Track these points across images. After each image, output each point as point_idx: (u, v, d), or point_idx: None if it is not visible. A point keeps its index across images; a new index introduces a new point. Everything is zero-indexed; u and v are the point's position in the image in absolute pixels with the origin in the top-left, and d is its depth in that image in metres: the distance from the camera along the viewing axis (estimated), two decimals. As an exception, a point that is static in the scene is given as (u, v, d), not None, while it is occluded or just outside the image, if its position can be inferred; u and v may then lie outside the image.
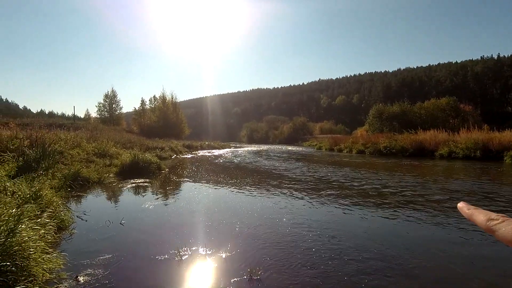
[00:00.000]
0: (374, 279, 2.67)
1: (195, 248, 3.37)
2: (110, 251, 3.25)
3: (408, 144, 18.81)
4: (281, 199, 6.03)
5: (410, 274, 2.81)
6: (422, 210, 5.07)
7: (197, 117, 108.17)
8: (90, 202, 5.95)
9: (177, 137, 33.79)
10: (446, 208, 5.23)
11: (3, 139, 8.16)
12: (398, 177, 9.03)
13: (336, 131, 61.66)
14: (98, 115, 43.77)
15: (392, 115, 31.93)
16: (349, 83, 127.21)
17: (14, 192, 4.04)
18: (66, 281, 2.58)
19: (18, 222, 2.55)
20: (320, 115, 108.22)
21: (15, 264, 2.27)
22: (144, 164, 9.72)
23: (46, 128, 14.23)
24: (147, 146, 17.79)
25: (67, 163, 8.57)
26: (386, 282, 2.64)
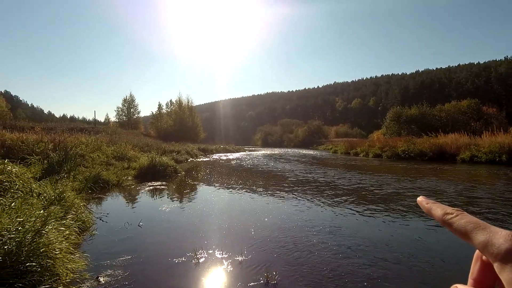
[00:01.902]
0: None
1: (211, 251, 3.39)
2: (130, 252, 3.32)
3: (428, 147, 18.29)
4: (297, 203, 5.99)
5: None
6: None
7: (211, 121, 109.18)
8: (110, 204, 6.11)
9: (192, 140, 34.25)
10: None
11: (29, 143, 8.54)
12: (421, 182, 8.78)
13: (352, 134, 60.74)
14: (117, 119, 44.98)
15: (411, 118, 31.15)
16: (365, 86, 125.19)
17: (39, 194, 4.22)
18: (88, 281, 2.66)
19: (45, 223, 2.66)
20: (336, 118, 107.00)
21: (41, 264, 2.36)
22: (161, 167, 9.91)
23: (68, 132, 14.80)
24: (164, 149, 18.12)
25: (88, 166, 8.86)
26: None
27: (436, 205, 0.34)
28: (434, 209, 0.33)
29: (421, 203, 0.36)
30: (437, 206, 0.34)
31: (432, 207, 0.34)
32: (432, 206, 0.34)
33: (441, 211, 0.32)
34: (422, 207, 0.35)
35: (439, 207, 0.33)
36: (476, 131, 22.93)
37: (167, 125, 39.29)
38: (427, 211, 0.34)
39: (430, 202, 0.35)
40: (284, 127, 79.85)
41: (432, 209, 0.34)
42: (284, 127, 79.73)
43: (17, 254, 2.26)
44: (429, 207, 0.34)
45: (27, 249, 2.32)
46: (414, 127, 29.54)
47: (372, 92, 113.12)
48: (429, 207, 0.34)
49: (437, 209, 0.33)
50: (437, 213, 0.33)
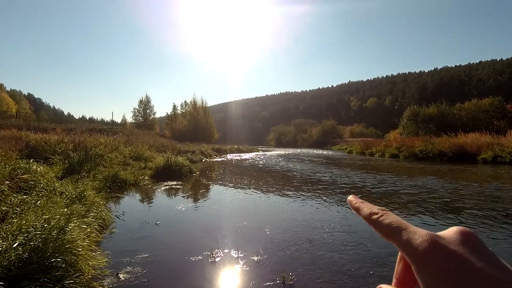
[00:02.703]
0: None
1: (227, 250, 3.42)
2: (148, 250, 3.40)
3: (447, 147, 17.73)
4: (312, 203, 5.94)
5: None
6: (486, 219, 4.75)
7: (225, 122, 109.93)
8: (127, 203, 6.26)
9: (206, 141, 34.58)
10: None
11: (52, 143, 8.87)
12: (443, 183, 8.54)
13: (367, 134, 59.68)
14: (134, 120, 45.97)
15: (429, 117, 30.29)
16: (381, 85, 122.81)
17: (62, 193, 4.37)
18: (108, 278, 2.74)
19: (68, 221, 2.76)
20: (350, 118, 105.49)
21: (65, 260, 2.45)
22: (177, 167, 10.06)
23: (88, 133, 15.26)
24: (179, 149, 18.39)
25: (106, 165, 9.11)
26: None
27: (364, 205, 0.33)
28: (361, 209, 0.33)
29: (350, 202, 0.35)
30: (365, 206, 0.33)
31: (360, 206, 0.33)
32: (360, 206, 0.33)
33: (368, 211, 0.32)
34: (351, 206, 0.34)
35: (367, 207, 0.32)
36: (500, 130, 22.02)
37: (182, 125, 39.83)
38: (356, 210, 0.33)
39: (358, 202, 0.34)
40: (297, 127, 79.37)
41: (360, 209, 0.33)
42: (298, 127, 79.25)
43: (43, 250, 2.36)
44: (358, 207, 0.33)
45: (52, 246, 2.42)
46: (433, 126, 28.70)
47: (388, 91, 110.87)
48: (358, 206, 0.33)
49: (364, 208, 0.32)
50: (364, 212, 0.32)
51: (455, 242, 0.26)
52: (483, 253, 0.25)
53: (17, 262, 2.20)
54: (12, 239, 2.36)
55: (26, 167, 4.71)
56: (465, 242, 0.26)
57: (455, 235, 0.27)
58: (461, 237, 0.26)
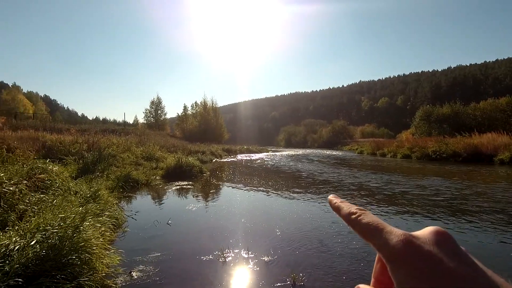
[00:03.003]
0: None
1: (237, 250, 3.44)
2: (159, 249, 3.45)
3: (461, 148, 17.30)
4: (323, 204, 5.91)
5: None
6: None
7: (234, 122, 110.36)
8: (139, 202, 6.36)
9: (217, 141, 34.76)
10: None
11: (66, 144, 9.10)
12: (461, 184, 8.35)
13: (378, 134, 58.96)
14: (145, 120, 46.65)
15: (442, 117, 29.59)
16: (393, 84, 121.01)
17: (76, 192, 4.48)
18: (122, 276, 2.80)
19: (83, 220, 2.83)
20: (361, 118, 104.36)
21: (80, 258, 2.51)
22: (187, 167, 10.16)
23: (101, 133, 15.58)
24: (190, 150, 18.56)
25: (119, 165, 9.27)
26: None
27: (343, 204, 0.33)
28: (341, 208, 0.32)
29: (330, 201, 0.35)
30: (344, 205, 0.32)
31: (340, 206, 0.33)
32: (340, 205, 0.33)
33: (347, 210, 0.31)
34: (331, 206, 0.34)
35: (346, 206, 0.32)
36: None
37: (192, 126, 40.14)
38: (336, 210, 0.33)
39: (338, 201, 0.34)
40: (307, 127, 78.96)
41: (339, 208, 0.33)
42: (308, 127, 78.83)
43: (59, 248, 2.43)
44: (338, 206, 0.33)
45: (68, 244, 2.48)
46: (446, 126, 28.03)
47: (400, 90, 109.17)
48: (338, 206, 0.33)
49: (344, 208, 0.32)
50: (343, 212, 0.32)
51: (430, 242, 0.26)
52: (457, 253, 0.25)
53: (35, 259, 2.27)
54: (30, 236, 2.44)
55: (43, 167, 4.85)
56: (439, 242, 0.26)
57: (430, 235, 0.27)
58: (435, 237, 0.26)
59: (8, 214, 3.01)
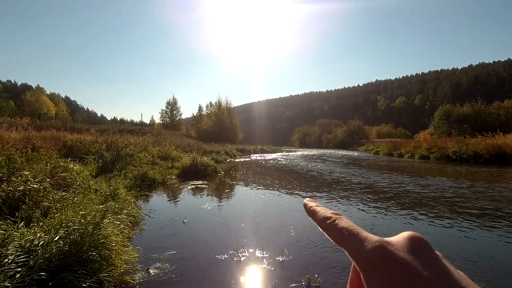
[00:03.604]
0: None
1: (252, 250, 3.45)
2: (176, 247, 3.51)
3: (483, 148, 16.66)
4: (336, 204, 5.84)
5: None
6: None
7: (248, 122, 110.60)
8: (156, 201, 6.49)
9: (231, 141, 34.95)
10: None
11: (86, 143, 9.39)
12: (489, 187, 8.07)
13: (395, 135, 57.53)
14: (161, 121, 47.50)
15: (463, 116, 28.58)
16: (411, 83, 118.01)
17: (96, 190, 4.62)
18: (139, 272, 2.87)
19: (103, 217, 2.92)
20: (377, 118, 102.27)
21: (100, 254, 2.60)
22: (202, 167, 10.28)
23: (119, 133, 15.98)
24: (204, 150, 18.75)
25: (136, 165, 9.49)
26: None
27: (319, 208, 0.31)
28: (316, 212, 0.31)
29: (305, 205, 0.33)
30: (320, 209, 0.31)
31: (315, 209, 0.31)
32: (316, 209, 0.31)
33: (322, 215, 0.30)
34: (306, 210, 0.33)
35: (321, 210, 0.31)
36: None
37: (207, 126, 40.51)
38: (311, 214, 0.32)
39: (313, 205, 0.32)
40: (322, 127, 78.15)
41: (315, 212, 0.31)
42: (323, 127, 78.01)
43: (80, 244, 2.52)
44: (313, 210, 0.32)
45: (89, 240, 2.57)
46: (467, 126, 27.05)
47: (418, 89, 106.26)
48: (313, 209, 0.32)
49: (319, 212, 0.31)
50: (318, 217, 0.30)
51: (404, 249, 0.25)
52: (432, 260, 0.24)
53: (58, 254, 2.36)
54: (53, 232, 2.54)
55: (65, 165, 5.03)
56: (414, 249, 0.25)
57: (405, 240, 0.26)
58: (410, 243, 0.25)
59: (33, 210, 3.15)
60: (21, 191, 3.33)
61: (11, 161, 4.29)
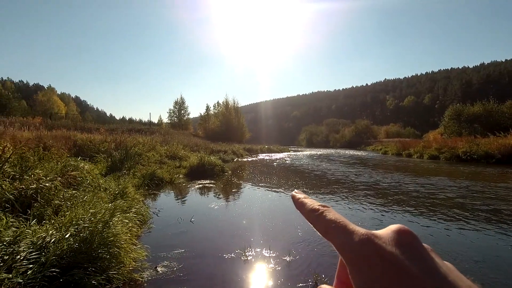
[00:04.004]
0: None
1: (259, 249, 3.46)
2: (183, 246, 3.54)
3: (495, 148, 16.32)
4: (344, 205, 5.80)
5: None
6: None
7: (256, 122, 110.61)
8: (164, 200, 6.55)
9: (238, 141, 35.07)
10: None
11: (96, 142, 9.54)
12: (500, 188, 7.91)
13: (404, 134, 56.85)
14: (169, 120, 47.89)
15: (473, 116, 28.01)
16: (420, 82, 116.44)
17: (106, 189, 4.69)
18: (147, 271, 2.90)
19: (112, 215, 2.96)
20: (386, 117, 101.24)
21: (109, 252, 2.63)
22: (209, 166, 10.33)
23: (127, 132, 16.17)
24: (212, 149, 18.85)
25: (144, 164, 9.59)
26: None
27: (307, 200, 0.31)
28: (304, 204, 0.30)
29: (293, 197, 0.32)
30: (308, 201, 0.30)
31: (303, 201, 0.31)
32: (304, 201, 0.31)
33: (310, 207, 0.30)
34: (294, 202, 0.32)
35: (309, 202, 0.30)
36: None
37: (214, 125, 40.74)
38: (299, 206, 0.31)
39: (302, 197, 0.31)
40: (329, 127, 77.76)
41: (303, 204, 0.30)
42: (330, 127, 77.63)
43: (90, 241, 2.56)
44: (301, 202, 0.31)
45: (98, 238, 2.61)
46: (478, 126, 26.52)
47: (427, 88, 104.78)
48: (301, 201, 0.31)
49: (307, 204, 0.30)
50: (306, 208, 0.30)
51: (392, 243, 0.24)
52: (420, 254, 0.24)
53: (69, 251, 2.40)
54: (64, 230, 2.58)
55: (75, 164, 5.11)
56: (402, 242, 0.24)
57: (393, 234, 0.25)
58: (398, 236, 0.25)
59: (44, 208, 3.21)
60: (33, 189, 3.40)
61: (24, 159, 4.39)
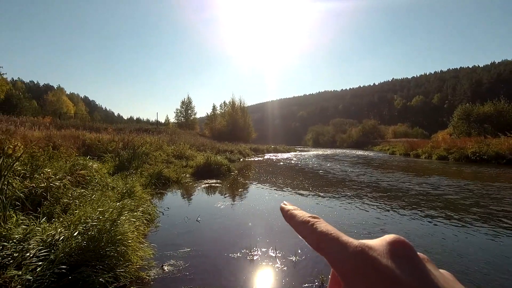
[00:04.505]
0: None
1: (265, 249, 3.46)
2: (189, 245, 3.56)
3: (506, 149, 16.02)
4: (350, 205, 5.76)
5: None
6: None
7: (262, 121, 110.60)
8: (170, 199, 6.59)
9: (244, 140, 35.09)
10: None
11: (104, 142, 9.66)
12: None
13: (412, 134, 56.20)
14: (176, 120, 48.18)
15: (483, 116, 27.51)
16: (428, 82, 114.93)
17: (113, 188, 4.74)
18: (154, 269, 2.92)
19: (120, 214, 2.99)
20: (393, 117, 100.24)
21: (117, 250, 2.66)
22: (216, 165, 10.37)
23: (135, 132, 16.33)
24: (218, 149, 18.91)
25: (151, 163, 9.67)
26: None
27: (297, 212, 0.30)
28: (294, 216, 0.29)
29: (282, 209, 0.31)
30: (298, 213, 0.29)
31: (293, 213, 0.30)
32: (293, 213, 0.30)
33: (300, 219, 0.28)
34: (283, 214, 0.31)
35: (299, 214, 0.29)
36: None
37: (221, 125, 40.84)
38: (288, 218, 0.30)
39: (291, 209, 0.30)
40: (336, 127, 77.32)
41: (293, 216, 0.29)
42: (337, 127, 77.18)
43: (98, 240, 2.59)
44: (290, 214, 0.30)
45: (106, 236, 2.64)
46: (488, 126, 26.04)
47: (436, 88, 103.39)
48: (290, 213, 0.30)
49: (296, 215, 0.29)
50: (297, 221, 0.29)
51: (387, 255, 0.23)
52: (415, 266, 0.23)
53: (77, 249, 2.44)
54: (73, 228, 2.62)
55: (84, 163, 5.19)
56: (397, 254, 0.23)
57: (388, 245, 0.24)
58: (392, 247, 0.24)
59: (54, 206, 3.27)
60: (43, 188, 3.46)
61: (34, 158, 4.47)
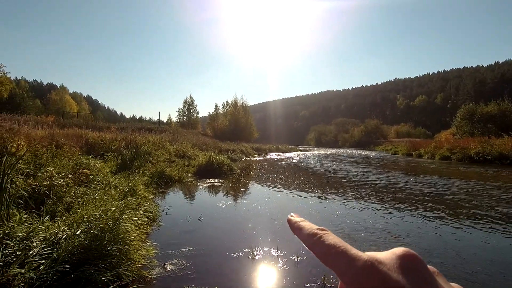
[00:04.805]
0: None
1: (266, 248, 3.45)
2: (192, 244, 3.56)
3: (510, 149, 15.92)
4: (352, 205, 5.74)
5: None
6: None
7: (264, 121, 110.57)
8: (172, 198, 6.60)
9: (246, 140, 35.11)
10: None
11: (107, 141, 9.69)
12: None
13: (414, 134, 55.99)
14: (178, 119, 48.23)
15: (487, 116, 27.32)
16: (431, 81, 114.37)
17: (116, 186, 4.76)
18: (156, 268, 2.93)
19: (123, 213, 3.00)
20: (396, 117, 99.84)
21: (119, 249, 2.67)
22: (218, 165, 10.37)
23: (137, 131, 16.37)
24: (220, 148, 18.92)
25: (153, 162, 9.69)
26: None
27: (304, 224, 0.29)
28: (302, 228, 0.29)
29: (289, 221, 0.31)
30: (305, 225, 0.29)
31: (300, 225, 0.29)
32: (301, 225, 0.29)
33: (307, 231, 0.28)
34: (290, 226, 0.30)
35: (307, 226, 0.28)
36: None
37: (223, 125, 40.87)
38: (296, 231, 0.29)
39: (299, 221, 0.30)
40: (339, 126, 77.18)
41: (300, 228, 0.29)
42: (339, 126, 77.03)
43: (100, 238, 2.60)
44: (298, 226, 0.29)
45: (108, 235, 2.65)
46: (492, 126, 25.86)
47: (439, 88, 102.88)
48: (298, 225, 0.29)
49: (304, 228, 0.28)
50: (304, 233, 0.28)
51: (398, 270, 0.23)
52: (426, 280, 0.22)
53: (80, 248, 2.45)
54: (76, 226, 2.63)
55: (86, 162, 5.21)
56: (407, 268, 0.23)
57: (398, 259, 0.24)
58: (403, 261, 0.23)
59: (57, 205, 3.28)
60: (46, 186, 3.48)
61: (37, 157, 4.49)
